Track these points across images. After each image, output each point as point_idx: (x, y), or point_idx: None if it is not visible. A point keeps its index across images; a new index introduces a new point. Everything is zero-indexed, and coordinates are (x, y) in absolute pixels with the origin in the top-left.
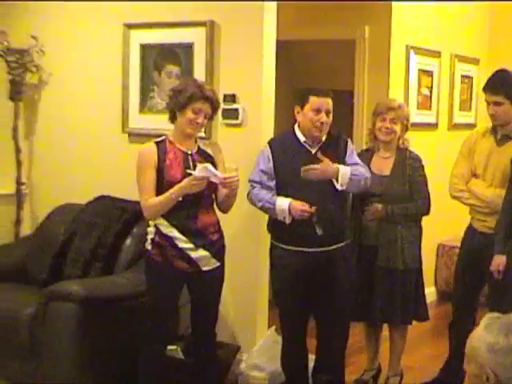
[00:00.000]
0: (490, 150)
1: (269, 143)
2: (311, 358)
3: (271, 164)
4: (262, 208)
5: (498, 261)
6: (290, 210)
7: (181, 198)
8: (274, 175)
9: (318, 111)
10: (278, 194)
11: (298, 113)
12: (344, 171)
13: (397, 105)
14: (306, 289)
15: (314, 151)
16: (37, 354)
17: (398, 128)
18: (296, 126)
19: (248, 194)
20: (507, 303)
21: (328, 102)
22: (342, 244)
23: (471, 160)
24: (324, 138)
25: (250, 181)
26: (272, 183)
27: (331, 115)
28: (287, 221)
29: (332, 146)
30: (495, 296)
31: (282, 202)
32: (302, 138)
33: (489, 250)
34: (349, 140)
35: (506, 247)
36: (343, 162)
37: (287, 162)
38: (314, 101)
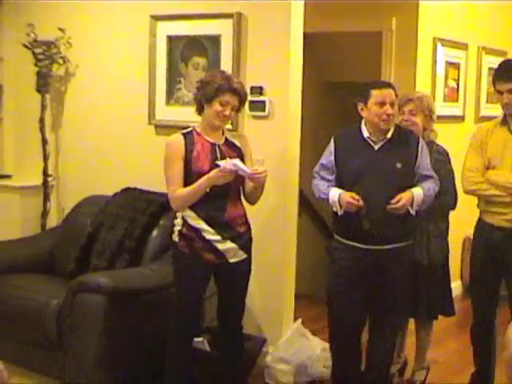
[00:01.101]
0: (505, 141)
1: (334, 137)
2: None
3: (332, 158)
4: (319, 198)
5: None
6: (339, 201)
7: (208, 190)
8: (335, 169)
9: (382, 104)
10: (340, 188)
11: (362, 109)
12: (418, 197)
13: (416, 96)
14: (358, 287)
15: (376, 147)
16: (64, 344)
17: (418, 119)
18: (362, 121)
19: (311, 184)
20: None
21: (391, 93)
22: (395, 245)
23: (484, 153)
24: (390, 135)
25: (313, 171)
26: (331, 177)
27: (396, 106)
28: (339, 212)
29: (397, 143)
30: None
31: (334, 193)
32: (365, 134)
33: (510, 246)
34: (421, 140)
35: None
36: (412, 161)
37: (349, 156)
38: (376, 94)
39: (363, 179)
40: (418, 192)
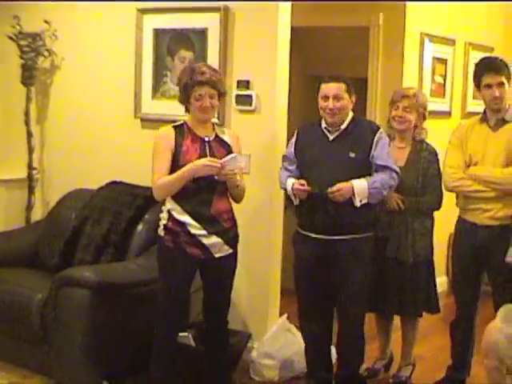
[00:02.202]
0: (486, 137)
1: (298, 129)
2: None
3: (292, 148)
4: (283, 189)
5: None
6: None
7: (194, 184)
8: (295, 159)
9: (325, 98)
10: (304, 176)
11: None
12: (360, 188)
13: (411, 93)
14: (317, 278)
15: (331, 137)
16: (48, 339)
17: (412, 117)
18: None
19: None
20: (510, 297)
21: (336, 87)
22: (350, 236)
23: (465, 150)
24: (345, 126)
25: None
26: (292, 167)
27: (343, 100)
28: (295, 202)
29: (352, 134)
30: (498, 288)
31: (289, 184)
32: (323, 124)
33: (495, 244)
34: (381, 132)
35: None
36: (366, 150)
37: (306, 146)
38: (322, 88)
39: (316, 168)
40: (359, 184)
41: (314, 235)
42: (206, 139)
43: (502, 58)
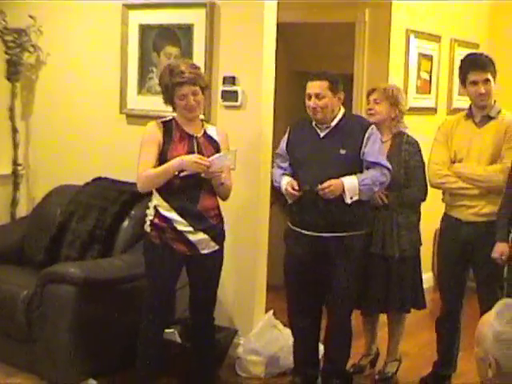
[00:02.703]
0: (471, 133)
1: (290, 126)
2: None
3: (284, 145)
4: (276, 187)
5: (501, 248)
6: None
7: (180, 177)
8: (288, 156)
9: (309, 96)
10: (295, 174)
11: None
12: (350, 185)
13: (382, 86)
14: (307, 274)
15: (322, 134)
16: (33, 335)
17: (381, 108)
18: None
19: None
20: (495, 294)
21: (317, 86)
22: (340, 234)
23: (450, 146)
24: (335, 123)
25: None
26: (285, 164)
27: (325, 99)
28: (289, 201)
29: (343, 131)
30: (483, 284)
31: (284, 182)
32: (314, 122)
33: (480, 241)
34: (372, 128)
35: (509, 234)
36: (357, 147)
37: (297, 143)
38: (306, 86)
39: (307, 165)
40: (350, 181)
41: (304, 232)
42: (195, 136)
43: (487, 55)
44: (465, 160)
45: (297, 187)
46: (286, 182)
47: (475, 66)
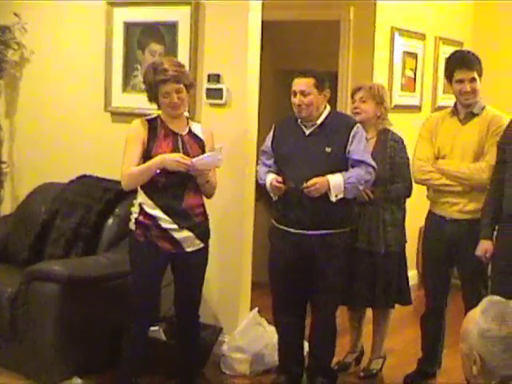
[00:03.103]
0: (455, 130)
1: (275, 123)
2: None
3: (269, 142)
4: (261, 184)
5: (485, 246)
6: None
7: (165, 175)
8: (273, 153)
9: (294, 93)
10: (280, 171)
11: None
12: (335, 183)
13: (368, 85)
14: (292, 271)
15: (307, 132)
16: (18, 334)
17: (368, 107)
18: None
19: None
20: (479, 292)
21: (303, 83)
22: (326, 232)
23: (434, 143)
24: (320, 121)
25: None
26: (270, 161)
27: (311, 96)
28: (273, 198)
29: (328, 129)
30: (467, 282)
31: (269, 179)
32: (299, 119)
33: (463, 238)
34: (357, 127)
35: (493, 232)
36: (343, 145)
37: (283, 141)
38: (292, 83)
39: (292, 163)
40: (335, 179)
41: (289, 230)
42: (179, 134)
43: (473, 53)
44: (448, 156)
45: (281, 180)
46: (271, 178)
47: (462, 64)
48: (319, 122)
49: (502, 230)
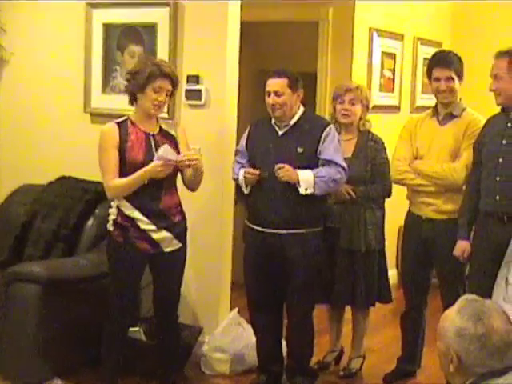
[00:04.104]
0: (434, 131)
1: (250, 123)
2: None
3: (244, 142)
4: (234, 180)
5: (464, 247)
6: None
7: (146, 182)
8: (247, 153)
9: (268, 93)
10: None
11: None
12: (305, 177)
13: (355, 86)
14: (264, 269)
15: (280, 132)
16: None
17: (357, 109)
18: None
19: None
20: (457, 291)
21: (276, 83)
22: (297, 231)
23: (413, 143)
24: (293, 121)
25: None
26: (243, 160)
27: (284, 96)
28: (245, 191)
29: (301, 130)
30: (445, 281)
31: (242, 172)
32: (273, 120)
33: (439, 238)
34: (330, 128)
35: (470, 232)
36: (314, 146)
37: (257, 141)
38: (266, 84)
39: (265, 162)
40: (304, 172)
41: (260, 229)
42: (151, 134)
43: (455, 53)
44: (425, 157)
45: (255, 170)
46: (244, 170)
47: (439, 62)
48: (292, 122)
49: (479, 230)
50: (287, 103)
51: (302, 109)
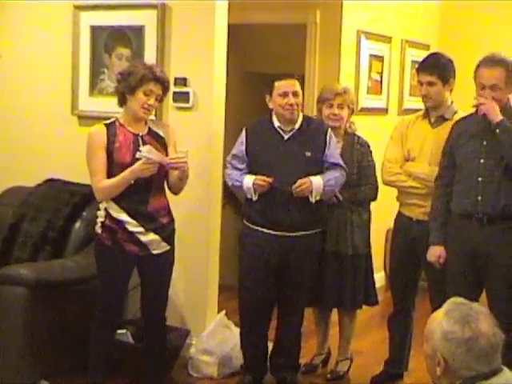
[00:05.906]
0: (425, 133)
1: (246, 128)
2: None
3: (243, 147)
4: (232, 187)
5: (438, 252)
6: (254, 186)
7: (132, 182)
8: (246, 158)
9: (284, 94)
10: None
11: (269, 101)
12: (316, 185)
13: (342, 89)
14: (270, 271)
15: (286, 137)
16: None
17: (345, 113)
18: (273, 112)
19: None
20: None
21: (293, 84)
22: (302, 233)
23: (404, 145)
24: (298, 125)
25: (226, 161)
26: (242, 166)
27: (300, 97)
28: (253, 198)
29: (307, 133)
30: (433, 283)
31: (248, 180)
32: (276, 124)
33: (428, 239)
34: (330, 131)
35: (444, 236)
36: (321, 149)
37: (260, 146)
38: (279, 86)
39: (274, 167)
40: (316, 180)
41: (266, 231)
42: (140, 135)
43: (443, 57)
44: (417, 159)
45: (264, 178)
46: (254, 178)
47: (421, 66)
48: (297, 126)
49: (454, 233)
50: (300, 104)
51: (301, 113)
